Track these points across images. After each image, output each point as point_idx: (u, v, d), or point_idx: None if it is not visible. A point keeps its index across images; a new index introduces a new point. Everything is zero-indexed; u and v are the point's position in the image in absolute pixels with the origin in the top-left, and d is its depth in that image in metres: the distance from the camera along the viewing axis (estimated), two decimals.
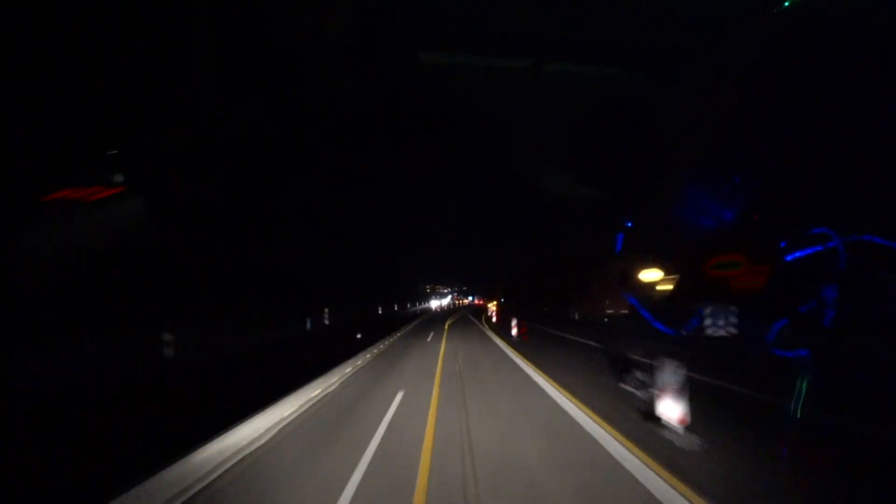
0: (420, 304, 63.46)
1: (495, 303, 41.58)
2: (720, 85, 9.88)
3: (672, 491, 3.26)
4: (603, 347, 11.89)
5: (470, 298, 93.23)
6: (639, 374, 6.13)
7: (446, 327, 23.50)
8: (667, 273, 13.82)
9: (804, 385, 5.31)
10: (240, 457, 4.39)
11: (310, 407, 6.40)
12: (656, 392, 4.66)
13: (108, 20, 7.17)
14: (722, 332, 10.31)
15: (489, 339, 16.38)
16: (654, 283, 14.36)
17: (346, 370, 9.63)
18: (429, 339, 16.74)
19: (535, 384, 7.50)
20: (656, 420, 4.70)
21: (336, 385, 7.98)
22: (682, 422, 4.41)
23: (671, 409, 4.46)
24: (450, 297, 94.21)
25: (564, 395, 6.45)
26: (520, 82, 11.26)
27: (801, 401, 5.02)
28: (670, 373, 4.49)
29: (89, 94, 7.46)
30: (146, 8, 7.63)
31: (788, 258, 8.79)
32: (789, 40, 8.03)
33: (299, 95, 12.67)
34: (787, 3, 7.54)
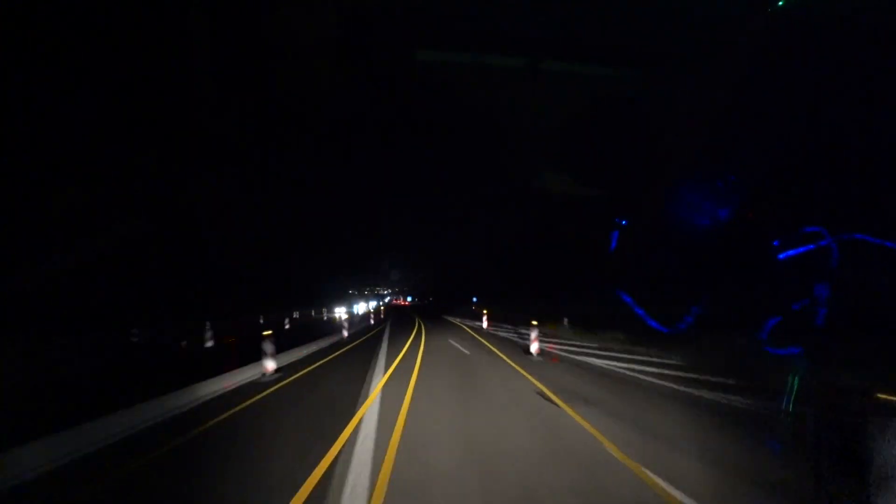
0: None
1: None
2: (716, 84, 9.92)
3: None
4: None
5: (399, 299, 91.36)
6: None
7: None
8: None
9: (796, 382, 5.35)
10: None
11: None
12: None
13: (101, 19, 7.10)
14: None
15: None
16: None
17: None
18: None
19: None
20: None
21: None
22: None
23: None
24: (377, 300, 70.93)
25: None
26: (516, 81, 11.26)
27: (793, 397, 5.06)
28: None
29: (82, 92, 7.39)
30: (140, 4, 7.56)
31: (781, 256, 8.86)
32: (784, 40, 8.08)
33: (294, 91, 12.61)
34: (780, 3, 7.58)
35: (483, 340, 15.28)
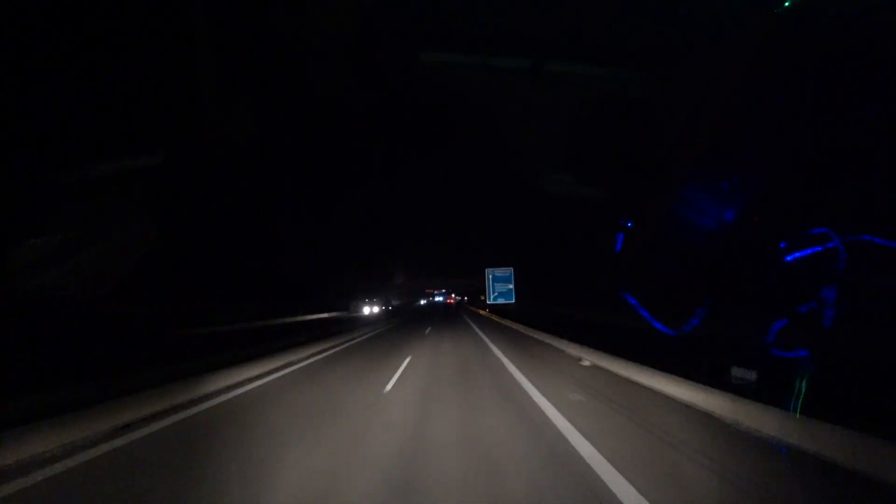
0: None
1: None
2: (720, 85, 9.89)
3: None
4: None
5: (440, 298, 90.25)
6: None
7: None
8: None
9: (804, 385, 5.31)
10: None
11: None
12: None
13: (104, 17, 7.16)
14: None
15: None
16: None
17: None
18: None
19: None
20: None
21: None
22: None
23: None
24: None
25: None
26: (520, 82, 11.25)
27: (801, 399, 5.03)
28: None
29: (86, 92, 7.44)
30: (144, 4, 7.62)
31: (788, 259, 8.79)
32: (789, 40, 8.04)
33: (297, 94, 12.66)
34: (787, 3, 7.54)
35: None
